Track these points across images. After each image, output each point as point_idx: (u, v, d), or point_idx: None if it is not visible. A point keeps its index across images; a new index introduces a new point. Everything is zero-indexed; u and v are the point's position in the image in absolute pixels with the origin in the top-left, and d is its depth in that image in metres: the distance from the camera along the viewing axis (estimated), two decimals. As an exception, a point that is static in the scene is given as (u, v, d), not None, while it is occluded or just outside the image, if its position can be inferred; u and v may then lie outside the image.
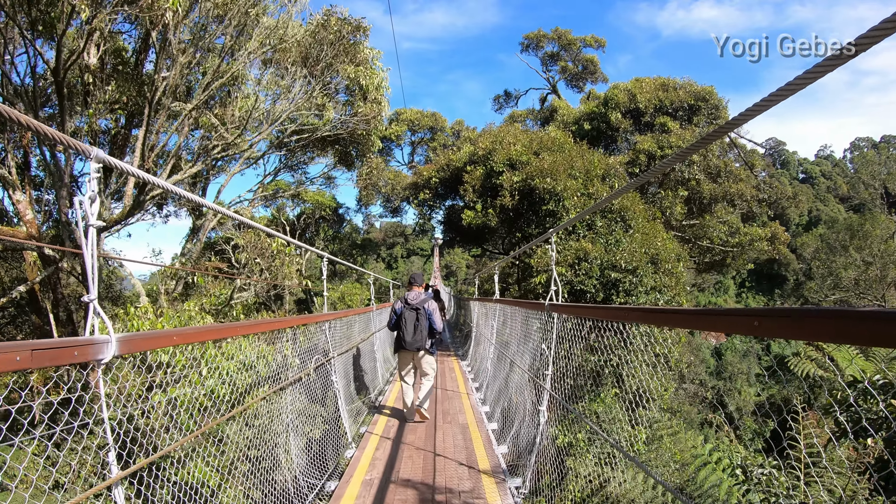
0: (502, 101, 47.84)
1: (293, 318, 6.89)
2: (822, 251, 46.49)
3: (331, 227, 40.66)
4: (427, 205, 27.17)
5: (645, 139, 25.35)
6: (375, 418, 9.70)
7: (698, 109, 27.19)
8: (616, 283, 15.98)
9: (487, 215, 20.10)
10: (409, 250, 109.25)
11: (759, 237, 29.84)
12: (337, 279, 44.62)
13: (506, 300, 11.24)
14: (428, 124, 42.41)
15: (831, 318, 1.56)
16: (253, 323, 5.10)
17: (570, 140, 21.70)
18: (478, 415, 9.77)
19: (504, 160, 20.34)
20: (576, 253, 16.37)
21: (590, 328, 5.39)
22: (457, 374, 14.55)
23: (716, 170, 28.10)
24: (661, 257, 16.96)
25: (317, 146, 22.87)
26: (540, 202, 18.46)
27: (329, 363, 7.75)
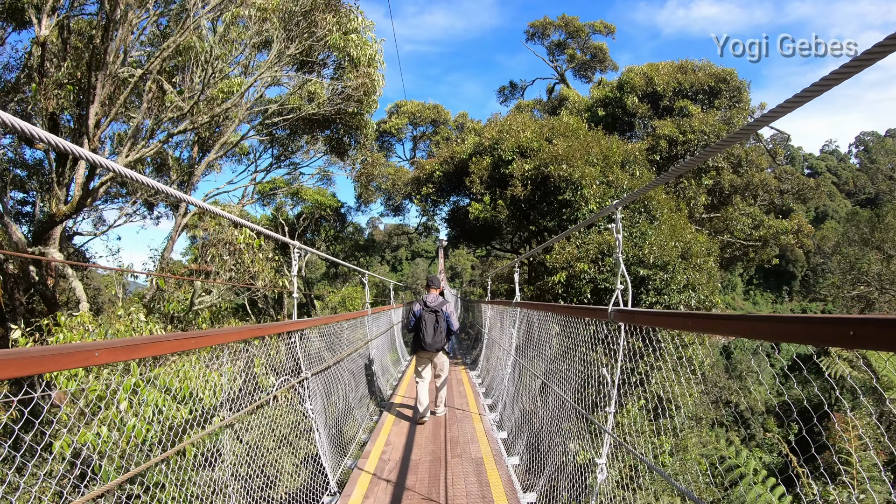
0: (507, 92, 45.86)
1: (243, 328, 4.98)
2: (843, 245, 44.67)
3: (332, 227, 38.81)
4: (430, 200, 25.34)
5: (665, 124, 23.46)
6: (368, 449, 7.85)
7: (719, 92, 25.35)
8: (644, 280, 14.14)
9: (497, 208, 18.23)
10: (413, 252, 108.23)
11: (785, 230, 27.89)
12: (340, 282, 43.02)
13: (541, 305, 9.24)
14: (430, 117, 40.33)
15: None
16: (173, 338, 3.34)
17: (584, 125, 19.82)
18: (494, 444, 7.88)
19: (513, 148, 18.53)
20: (598, 247, 14.53)
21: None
22: (465, 387, 12.66)
23: (737, 159, 26.31)
24: (692, 251, 15.14)
25: (304, 130, 20.77)
26: (555, 191, 16.60)
27: (302, 385, 5.93)
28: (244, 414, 4.95)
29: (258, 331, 4.84)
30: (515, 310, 9.31)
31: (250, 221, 6.52)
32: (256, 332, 4.75)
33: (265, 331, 5.02)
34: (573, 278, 14.57)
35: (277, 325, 5.35)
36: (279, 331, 5.43)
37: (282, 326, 5.48)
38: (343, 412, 8.66)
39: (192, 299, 11.55)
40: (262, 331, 4.94)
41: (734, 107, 25.62)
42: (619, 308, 4.02)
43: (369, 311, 11.73)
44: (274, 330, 5.28)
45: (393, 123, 39.45)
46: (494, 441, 8.04)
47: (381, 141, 40.20)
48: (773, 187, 29.40)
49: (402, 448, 7.77)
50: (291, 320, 5.81)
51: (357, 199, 38.87)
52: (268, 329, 5.06)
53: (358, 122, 19.34)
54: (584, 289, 14.27)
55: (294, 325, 5.71)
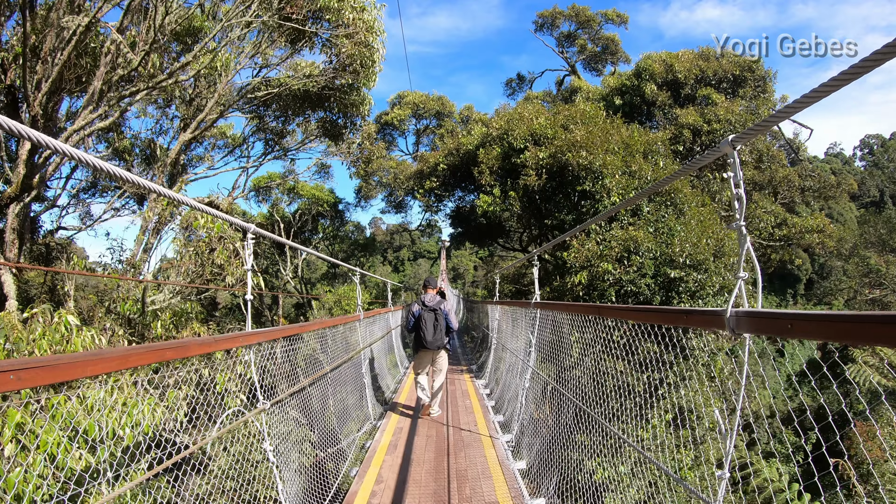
0: (515, 85, 43.96)
1: (154, 346, 3.29)
2: (859, 247, 43.40)
3: (331, 224, 37.24)
4: (434, 194, 23.72)
5: (688, 112, 21.81)
6: (354, 489, 6.21)
7: (744, 81, 23.77)
8: (675, 282, 12.51)
9: (507, 200, 16.56)
10: (415, 253, 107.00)
11: (811, 228, 26.15)
12: (339, 282, 41.56)
13: (583, 306, 7.46)
14: (434, 109, 38.60)
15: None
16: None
17: (602, 112, 18.16)
18: (512, 480, 6.22)
19: (525, 135, 16.89)
20: (623, 244, 12.89)
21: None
22: (472, 399, 11.00)
23: (757, 154, 24.70)
24: (724, 250, 13.51)
25: (294, 110, 19.02)
26: (573, 181, 14.93)
27: (259, 419, 4.30)
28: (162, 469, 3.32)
29: (178, 350, 3.16)
30: (534, 312, 7.62)
31: (245, 218, 4.83)
32: (171, 353, 3.07)
33: (188, 350, 3.32)
34: (595, 279, 12.93)
35: (211, 340, 3.66)
36: (214, 349, 3.73)
37: (223, 342, 3.83)
38: (324, 441, 7.04)
39: (144, 298, 9.86)
40: (181, 350, 3.24)
41: (759, 97, 24.08)
42: (747, 311, 2.42)
43: (362, 315, 10.06)
44: (203, 349, 3.56)
45: (395, 114, 37.78)
46: (512, 475, 6.40)
47: (383, 133, 38.61)
48: (795, 184, 27.81)
49: (395, 488, 6.13)
50: (242, 332, 4.19)
51: (356, 194, 37.31)
52: (192, 348, 3.36)
53: (354, 100, 17.48)
54: (608, 291, 12.63)
55: (244, 338, 4.08)
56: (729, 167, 2.50)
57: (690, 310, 2.91)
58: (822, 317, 1.99)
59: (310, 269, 49.04)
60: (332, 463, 6.99)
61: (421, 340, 9.07)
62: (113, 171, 2.61)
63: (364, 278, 40.03)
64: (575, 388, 5.93)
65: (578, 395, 5.73)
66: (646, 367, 5.10)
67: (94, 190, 22.38)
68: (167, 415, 4.86)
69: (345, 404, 8.59)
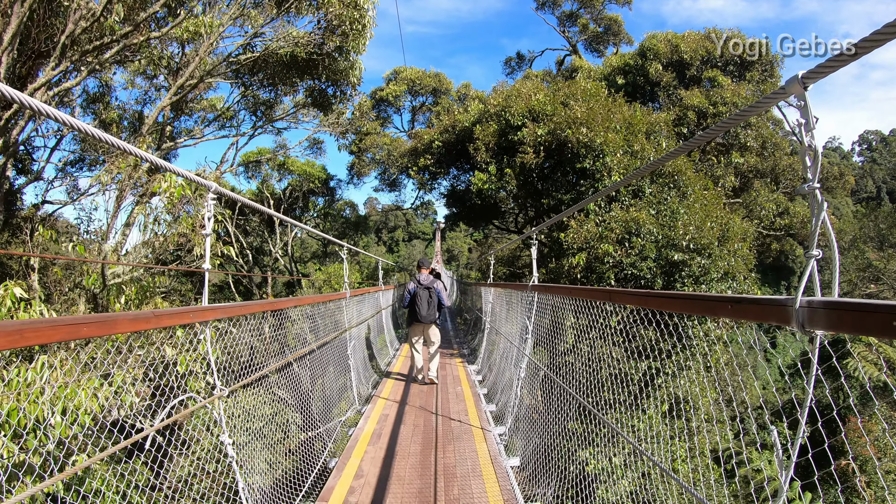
0: (514, 63, 42.85)
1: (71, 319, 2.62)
2: (858, 241, 43.10)
3: (323, 200, 36.46)
4: (428, 172, 22.97)
5: (693, 94, 21.10)
6: (331, 485, 5.62)
7: (751, 64, 23.06)
8: (677, 266, 11.95)
9: (504, 178, 15.90)
10: (410, 234, 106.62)
11: (813, 219, 25.55)
12: (330, 261, 40.96)
13: (592, 291, 6.86)
14: (431, 86, 37.52)
15: None
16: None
17: (603, 90, 17.48)
18: (505, 480, 5.64)
19: (524, 112, 16.21)
20: (624, 225, 12.30)
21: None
22: (464, 386, 10.42)
23: (761, 140, 24.06)
24: (729, 234, 12.96)
25: (280, 78, 18.17)
26: (572, 159, 14.30)
27: (215, 407, 3.69)
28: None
29: (99, 325, 2.50)
30: (531, 295, 6.99)
31: (236, 192, 4.19)
32: (89, 330, 2.41)
33: (115, 325, 2.65)
34: (595, 261, 12.35)
35: (149, 315, 2.98)
36: (152, 325, 3.05)
37: (165, 317, 3.16)
38: (302, 428, 6.45)
39: (103, 272, 9.12)
40: (105, 325, 2.58)
41: (766, 81, 23.37)
42: (825, 301, 1.82)
43: (348, 293, 9.42)
44: (136, 325, 2.88)
45: (390, 90, 36.80)
46: (504, 474, 5.82)
47: (378, 109, 37.62)
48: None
49: (375, 485, 5.53)
50: (192, 307, 3.55)
51: (349, 171, 36.35)
52: (120, 323, 2.69)
53: (343, 67, 16.62)
54: (607, 274, 12.05)
55: (195, 314, 3.44)
56: (793, 119, 1.89)
57: (739, 297, 2.27)
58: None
59: (302, 247, 48.35)
60: (309, 452, 6.40)
61: (415, 314, 10.02)
62: (55, 115, 2.02)
63: (356, 256, 39.29)
64: (572, 377, 5.36)
65: (575, 386, 5.17)
66: (645, 355, 4.59)
67: (81, 164, 21.75)
68: (113, 400, 4.25)
69: (327, 389, 8.01)
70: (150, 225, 10.05)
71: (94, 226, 11.98)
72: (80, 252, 8.55)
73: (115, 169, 10.60)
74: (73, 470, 2.71)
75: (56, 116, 2.22)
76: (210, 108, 24.73)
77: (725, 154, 21.35)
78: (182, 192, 8.51)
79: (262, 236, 34.06)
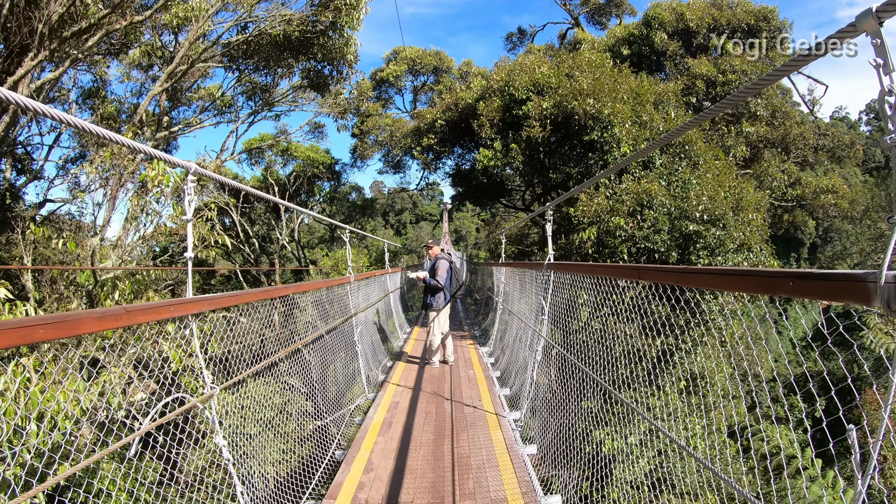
0: (515, 39, 42.02)
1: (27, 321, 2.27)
2: (872, 210, 42.66)
3: (329, 185, 36.10)
4: (432, 151, 22.58)
5: (701, 63, 20.58)
6: (339, 480, 5.33)
7: (759, 31, 22.45)
8: (691, 237, 11.59)
9: (509, 154, 15.49)
10: (417, 216, 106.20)
11: (825, 189, 24.97)
12: (338, 246, 40.74)
13: (642, 268, 6.40)
14: (431, 64, 36.87)
15: None
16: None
17: (608, 61, 17.00)
18: (522, 471, 5.33)
19: (528, 85, 15.77)
20: (636, 198, 11.93)
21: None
22: (476, 370, 10.11)
23: (772, 109, 23.50)
24: (743, 204, 12.60)
25: (275, 59, 17.69)
26: (580, 132, 13.92)
27: (208, 406, 3.39)
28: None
29: (57, 326, 2.16)
30: (547, 274, 6.63)
31: (238, 181, 3.80)
32: (46, 333, 2.07)
33: (78, 326, 2.30)
34: (606, 235, 12.00)
35: (121, 311, 2.63)
36: (124, 322, 2.71)
37: (138, 313, 2.82)
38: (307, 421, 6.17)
39: (93, 261, 8.79)
40: (66, 326, 2.23)
41: (775, 48, 22.77)
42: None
43: (353, 277, 9.10)
44: (104, 324, 2.53)
45: (391, 70, 36.19)
46: (521, 463, 5.52)
47: (379, 91, 37.12)
48: (810, 142, 26.60)
49: (386, 479, 5.24)
50: (174, 300, 3.25)
51: (352, 154, 35.92)
52: (84, 323, 2.34)
53: (338, 45, 16.08)
54: (620, 248, 11.70)
55: (176, 307, 3.11)
56: (869, 59, 1.58)
57: (802, 273, 1.91)
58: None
59: (309, 232, 48.10)
60: (316, 445, 6.11)
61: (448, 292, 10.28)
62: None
63: (364, 240, 38.87)
64: (586, 356, 5.05)
65: (590, 365, 4.87)
66: (660, 331, 4.33)
67: (82, 161, 21.51)
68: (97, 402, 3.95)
69: (333, 377, 7.73)
70: (139, 216, 9.71)
71: (85, 220, 11.67)
72: (70, 248, 8.23)
73: (98, 159, 10.24)
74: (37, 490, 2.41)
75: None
76: (208, 97, 24.38)
77: (735, 123, 20.86)
78: (170, 180, 8.15)
79: (269, 224, 33.79)
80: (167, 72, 14.11)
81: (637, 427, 8.99)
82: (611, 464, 8.53)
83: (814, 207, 26.53)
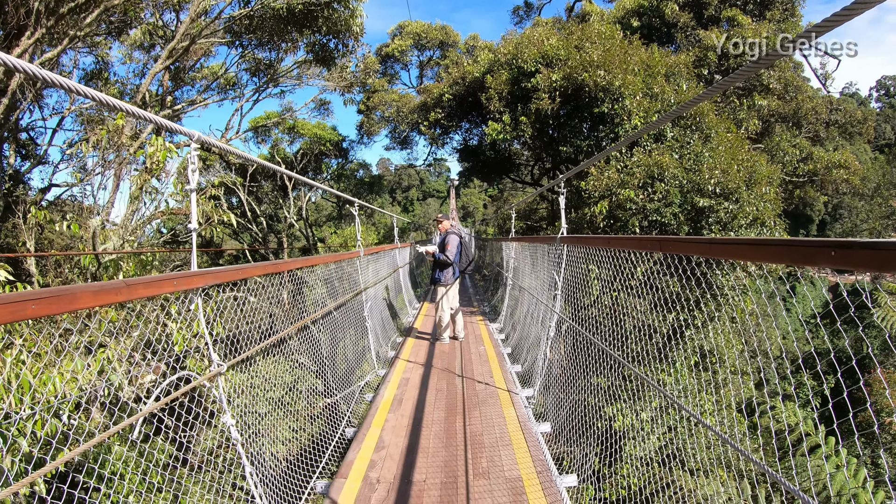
0: (522, 13, 41.23)
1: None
2: (883, 187, 42.41)
3: (336, 162, 35.89)
4: (440, 126, 22.32)
5: (712, 34, 20.21)
6: (351, 458, 5.26)
7: (771, 2, 22.04)
8: (703, 211, 11.43)
9: (518, 127, 15.26)
10: (424, 192, 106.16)
11: (838, 164, 24.60)
12: (346, 223, 40.66)
13: (664, 239, 6.21)
14: (437, 39, 36.41)
15: None
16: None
17: (618, 33, 16.69)
18: (536, 450, 5.23)
19: (537, 58, 15.51)
20: (647, 170, 11.75)
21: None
22: (487, 346, 10.02)
23: (783, 82, 23.10)
24: (756, 178, 12.39)
25: (277, 33, 17.23)
26: (591, 104, 13.71)
27: (215, 384, 3.31)
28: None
29: (52, 301, 2.02)
30: (560, 248, 6.47)
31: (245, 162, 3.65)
32: (36, 309, 1.94)
33: (73, 300, 2.16)
34: (617, 209, 11.84)
35: (121, 285, 2.49)
36: (123, 297, 2.57)
37: (140, 287, 2.66)
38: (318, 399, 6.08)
39: (94, 246, 8.65)
40: (62, 300, 2.09)
41: (787, 20, 22.35)
42: None
43: (362, 251, 8.99)
44: (101, 298, 2.38)
45: (396, 45, 35.75)
46: (535, 442, 5.42)
47: (385, 66, 36.73)
48: (822, 117, 26.16)
49: (398, 458, 5.16)
50: (177, 273, 3.13)
51: (359, 130, 35.64)
52: (81, 298, 2.19)
53: (343, 17, 15.74)
54: (631, 221, 11.55)
55: (180, 280, 2.99)
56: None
57: (847, 242, 1.73)
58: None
59: (317, 210, 48.03)
60: (326, 423, 6.04)
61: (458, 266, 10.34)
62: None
63: (372, 217, 38.66)
64: (597, 330, 4.94)
65: (602, 339, 4.77)
66: (672, 306, 4.23)
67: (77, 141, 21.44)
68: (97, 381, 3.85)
69: (343, 354, 7.65)
70: (140, 196, 9.56)
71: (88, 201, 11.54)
72: (74, 230, 8.11)
73: (94, 138, 10.06)
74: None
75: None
76: (211, 76, 24.13)
77: (747, 97, 20.52)
78: (167, 155, 7.97)
79: (276, 203, 33.64)
80: (168, 48, 13.90)
81: (648, 403, 8.93)
82: (621, 440, 8.47)
83: (825, 183, 26.11)
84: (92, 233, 9.07)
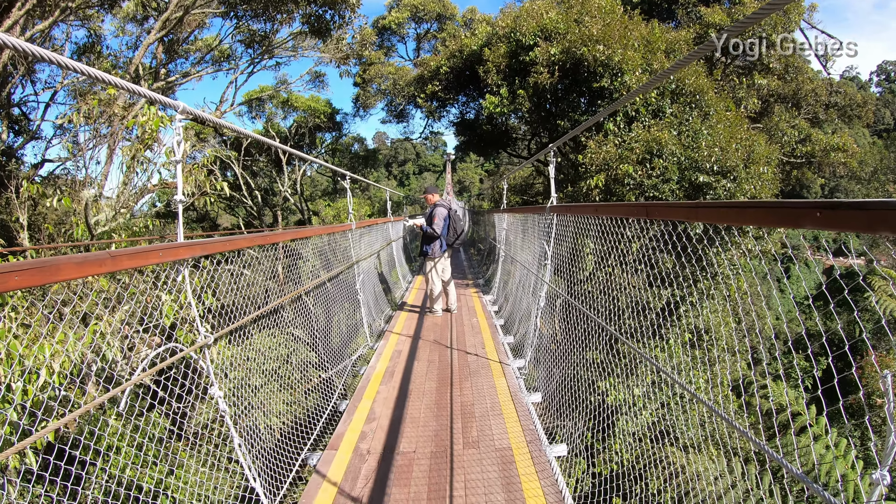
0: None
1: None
2: (880, 171, 42.46)
3: (330, 136, 35.66)
4: (436, 99, 22.12)
5: (714, 11, 19.96)
6: (341, 430, 5.24)
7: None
8: (701, 188, 11.38)
9: (516, 100, 15.12)
10: (420, 167, 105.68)
11: (836, 147, 24.44)
12: (338, 196, 40.53)
13: (651, 205, 6.22)
14: (435, 11, 35.86)
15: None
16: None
17: (619, 7, 16.47)
18: (527, 420, 5.21)
19: (535, 31, 15.32)
20: (646, 145, 11.67)
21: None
22: (479, 318, 10.02)
23: (784, 62, 22.92)
24: (754, 157, 12.32)
25: (272, 3, 16.91)
26: (589, 78, 13.56)
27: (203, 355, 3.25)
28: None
29: (34, 273, 1.94)
30: (550, 218, 6.39)
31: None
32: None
33: (57, 272, 2.06)
34: (614, 183, 11.78)
35: (105, 256, 2.39)
36: (107, 269, 2.45)
37: (124, 258, 2.56)
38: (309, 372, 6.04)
39: (87, 219, 8.52)
40: (49, 272, 2.01)
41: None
42: None
43: (354, 224, 8.90)
44: (84, 270, 2.28)
45: (393, 18, 35.31)
46: (526, 411, 5.40)
47: (382, 39, 36.29)
48: (822, 99, 26.02)
49: (388, 428, 5.14)
50: (161, 244, 3.06)
51: (354, 103, 35.32)
52: (64, 269, 2.10)
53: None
54: (627, 196, 11.52)
55: (166, 252, 2.89)
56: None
57: (833, 202, 1.65)
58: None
59: (312, 184, 47.80)
60: (317, 395, 6.01)
61: (453, 238, 10.24)
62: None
63: (367, 191, 38.47)
64: (591, 305, 4.90)
65: (596, 313, 4.72)
66: (666, 282, 4.17)
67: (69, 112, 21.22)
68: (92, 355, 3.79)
69: (335, 327, 7.61)
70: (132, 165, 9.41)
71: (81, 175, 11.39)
72: (66, 204, 8.01)
73: (85, 107, 9.91)
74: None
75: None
76: (205, 48, 23.86)
77: (747, 75, 20.37)
78: (160, 123, 7.87)
79: (271, 177, 33.48)
80: (162, 19, 13.72)
81: (641, 379, 8.94)
82: (614, 415, 8.50)
83: (822, 165, 26.00)
84: (84, 205, 8.94)
